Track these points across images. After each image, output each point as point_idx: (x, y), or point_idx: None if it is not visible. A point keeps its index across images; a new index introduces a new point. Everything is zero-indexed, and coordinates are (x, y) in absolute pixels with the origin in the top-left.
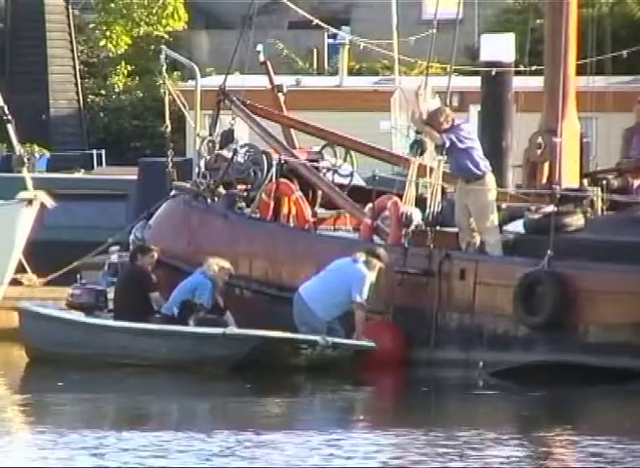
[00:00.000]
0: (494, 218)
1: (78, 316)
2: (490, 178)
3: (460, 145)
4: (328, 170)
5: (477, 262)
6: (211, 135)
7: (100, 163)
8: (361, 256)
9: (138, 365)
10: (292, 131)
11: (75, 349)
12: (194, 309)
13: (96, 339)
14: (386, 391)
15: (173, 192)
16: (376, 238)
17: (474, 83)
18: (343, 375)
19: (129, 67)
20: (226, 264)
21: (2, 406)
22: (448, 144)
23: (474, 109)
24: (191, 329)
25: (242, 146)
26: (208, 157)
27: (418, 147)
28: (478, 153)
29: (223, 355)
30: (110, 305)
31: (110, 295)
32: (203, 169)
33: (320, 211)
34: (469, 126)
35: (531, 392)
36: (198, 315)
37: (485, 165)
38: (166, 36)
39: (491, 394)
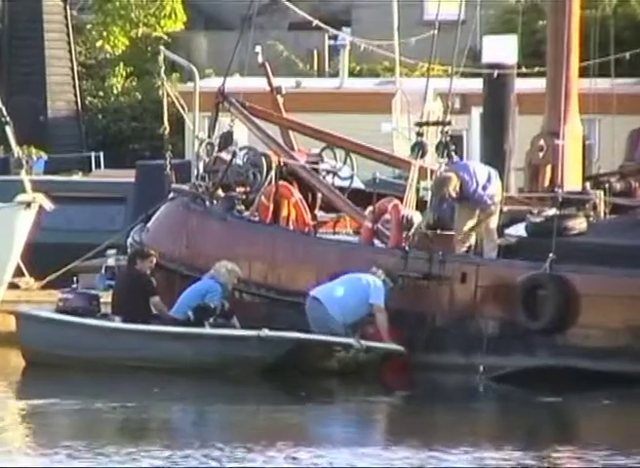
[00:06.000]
0: (495, 221)
1: (86, 319)
2: (495, 181)
3: (475, 197)
4: (328, 172)
5: (478, 266)
6: (210, 137)
7: (98, 165)
8: (379, 272)
9: (156, 368)
10: (291, 133)
11: (84, 353)
12: (210, 313)
13: (108, 342)
14: (389, 397)
15: (171, 195)
16: (376, 241)
17: (476, 85)
18: (361, 380)
19: (127, 69)
20: (235, 267)
21: (4, 411)
22: (485, 199)
23: (476, 111)
24: (223, 331)
25: (241, 148)
26: (207, 159)
27: (419, 149)
28: (483, 182)
29: (258, 357)
30: (103, 309)
31: (103, 300)
32: (202, 171)
33: (320, 214)
34: (467, 169)
35: (532, 396)
36: (215, 320)
37: (488, 184)
38: (165, 37)
39: (493, 399)
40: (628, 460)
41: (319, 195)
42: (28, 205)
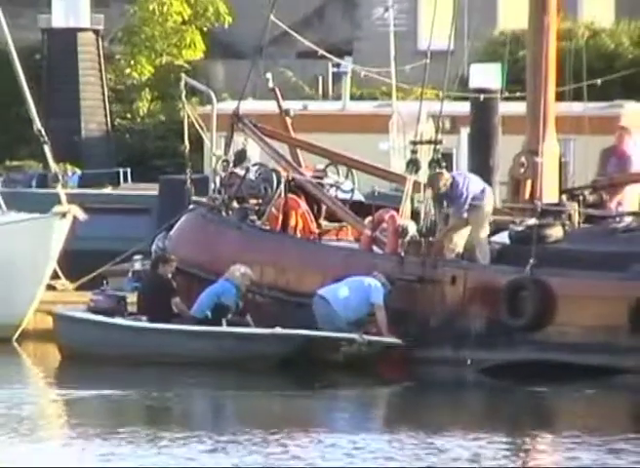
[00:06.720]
0: (486, 230)
1: (117, 319)
2: (489, 195)
3: (461, 200)
4: (331, 186)
5: (466, 270)
6: (225, 154)
7: (125, 180)
8: (379, 275)
9: (178, 363)
10: (298, 151)
11: (114, 349)
12: (226, 312)
13: (137, 340)
14: (391, 387)
15: (191, 206)
16: (375, 248)
17: (464, 108)
18: (364, 371)
19: (152, 93)
20: (248, 270)
21: (46, 402)
22: (466, 207)
23: (464, 131)
24: (241, 329)
25: (254, 165)
26: (223, 174)
27: (413, 166)
28: (475, 191)
29: (272, 352)
30: (130, 309)
31: (130, 300)
32: (218, 185)
33: (324, 223)
34: (462, 175)
35: (517, 387)
36: (233, 318)
37: (482, 195)
38: (185, 65)
39: (481, 389)
40: (616, 442)
41: (324, 206)
42: (64, 215)
